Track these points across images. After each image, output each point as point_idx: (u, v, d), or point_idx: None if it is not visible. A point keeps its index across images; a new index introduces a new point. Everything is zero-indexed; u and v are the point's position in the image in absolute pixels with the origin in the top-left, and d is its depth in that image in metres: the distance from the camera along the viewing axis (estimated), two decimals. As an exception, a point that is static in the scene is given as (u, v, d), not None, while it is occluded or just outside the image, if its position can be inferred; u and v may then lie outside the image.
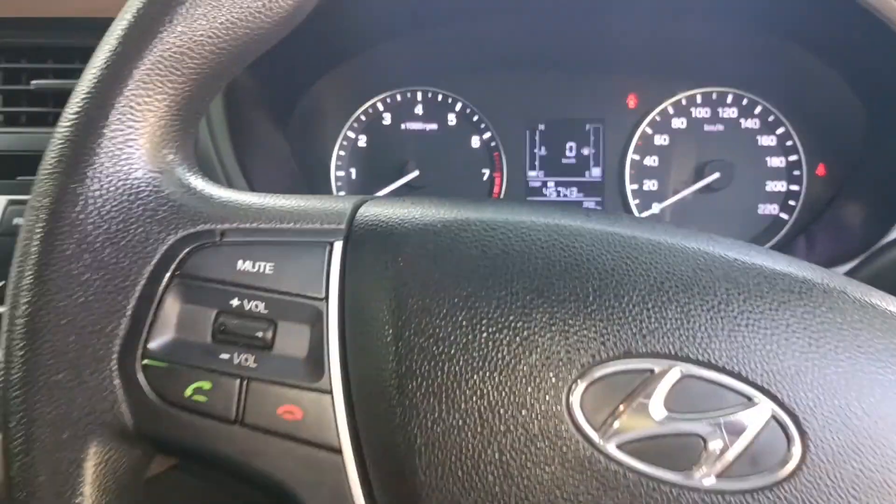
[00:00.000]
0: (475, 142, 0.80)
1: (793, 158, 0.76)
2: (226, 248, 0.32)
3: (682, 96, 0.77)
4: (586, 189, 0.80)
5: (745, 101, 0.76)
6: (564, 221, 0.32)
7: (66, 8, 0.61)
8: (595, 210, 0.71)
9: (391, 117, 0.80)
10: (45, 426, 0.31)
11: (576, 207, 0.52)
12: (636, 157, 0.78)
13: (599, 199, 0.80)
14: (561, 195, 0.80)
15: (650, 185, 0.79)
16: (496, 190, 0.80)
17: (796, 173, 0.76)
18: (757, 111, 0.76)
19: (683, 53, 0.76)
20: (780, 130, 0.76)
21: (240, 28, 0.32)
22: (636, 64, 0.77)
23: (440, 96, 0.79)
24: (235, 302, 0.32)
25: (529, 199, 0.80)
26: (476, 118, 0.79)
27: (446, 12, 0.72)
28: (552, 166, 0.80)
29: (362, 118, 0.80)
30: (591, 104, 0.79)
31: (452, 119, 0.80)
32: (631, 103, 0.78)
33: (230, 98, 0.61)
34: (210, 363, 0.32)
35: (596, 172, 0.80)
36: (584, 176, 0.80)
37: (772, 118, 0.76)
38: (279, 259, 0.32)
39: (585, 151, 0.79)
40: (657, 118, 0.78)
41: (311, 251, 0.32)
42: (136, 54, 0.31)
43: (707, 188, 0.76)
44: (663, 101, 0.77)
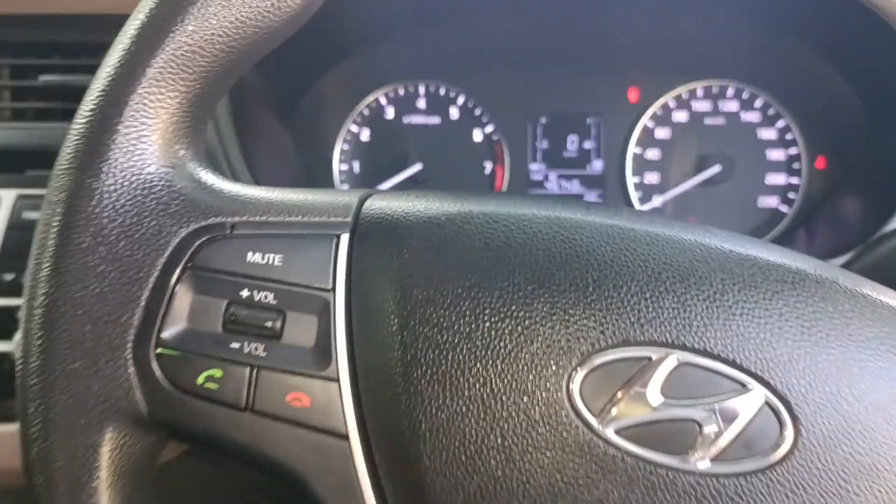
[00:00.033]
0: (477, 135, 0.80)
1: (793, 151, 0.76)
2: (236, 241, 0.33)
3: (683, 90, 0.77)
4: (588, 182, 0.80)
5: (746, 95, 0.76)
6: (565, 214, 0.33)
7: (73, 5, 0.61)
8: (595, 203, 0.71)
9: (394, 111, 0.80)
10: (63, 413, 0.31)
11: (576, 200, 0.53)
12: (637, 151, 0.78)
13: (601, 192, 0.79)
14: (563, 188, 0.80)
15: (651, 179, 0.78)
16: (498, 183, 0.80)
17: (796, 166, 0.76)
18: (757, 104, 0.76)
19: (684, 47, 0.76)
20: (781, 124, 0.76)
21: (249, 27, 0.33)
22: (637, 58, 0.77)
23: (442, 90, 0.79)
24: (245, 293, 0.33)
25: (531, 193, 0.80)
26: (478, 112, 0.79)
27: (448, 8, 0.72)
28: (554, 159, 0.80)
29: (365, 112, 0.80)
30: (593, 98, 0.78)
31: (455, 113, 0.80)
32: (632, 97, 0.78)
33: (235, 94, 0.61)
34: (221, 352, 0.32)
35: (597, 165, 0.79)
36: (586, 169, 0.80)
37: (772, 111, 0.76)
38: (287, 251, 0.33)
39: (587, 145, 0.79)
40: (658, 112, 0.77)
41: (319, 243, 0.33)
42: (149, 53, 0.32)
43: (708, 181, 0.76)
44: (664, 95, 0.77)
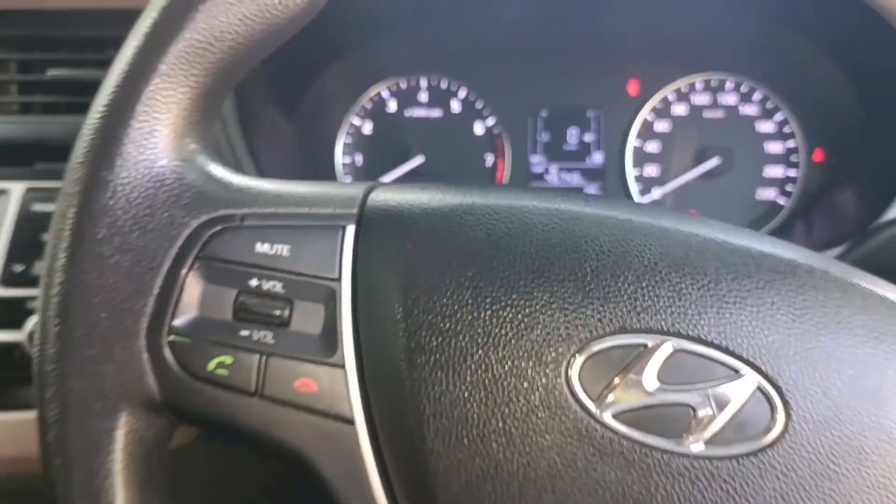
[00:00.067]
0: (478, 128, 0.80)
1: (791, 144, 0.76)
2: (245, 232, 0.34)
3: (683, 83, 0.77)
4: (588, 174, 0.80)
5: (745, 88, 0.76)
6: (564, 206, 0.34)
7: (79, 1, 0.61)
8: (593, 195, 0.72)
9: (396, 104, 0.80)
10: (79, 397, 0.32)
11: (575, 193, 0.53)
12: (637, 144, 0.78)
13: (601, 185, 0.80)
14: (563, 181, 0.80)
15: (651, 171, 0.78)
16: (499, 176, 0.80)
17: (794, 159, 0.76)
18: (756, 98, 0.76)
19: (684, 41, 0.76)
20: (779, 117, 0.76)
21: (257, 23, 0.33)
22: (637, 51, 0.77)
23: (444, 83, 0.79)
24: (254, 282, 0.33)
25: (532, 185, 0.80)
26: (479, 105, 0.79)
27: (449, 2, 0.72)
28: (554, 152, 0.80)
29: (367, 105, 0.80)
30: (593, 91, 0.78)
31: (456, 106, 0.79)
32: (632, 90, 0.78)
33: (239, 87, 0.62)
34: (231, 339, 0.33)
35: (597, 158, 0.79)
36: (586, 162, 0.80)
37: (771, 104, 0.76)
38: (295, 242, 0.33)
39: (587, 137, 0.79)
40: (658, 105, 0.77)
41: (325, 234, 0.34)
42: (161, 49, 0.32)
43: (707, 173, 0.76)
44: (664, 88, 0.77)
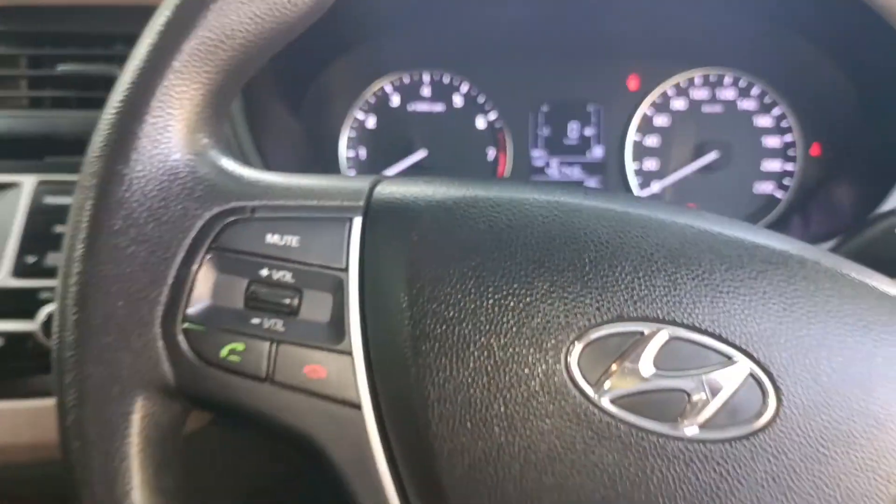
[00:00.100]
0: (480, 122, 0.80)
1: (788, 139, 0.77)
2: (256, 223, 0.34)
3: (682, 78, 0.77)
4: (588, 168, 0.80)
5: (743, 83, 0.77)
6: (564, 199, 0.34)
7: None
8: (592, 188, 0.73)
9: (399, 99, 0.80)
10: (96, 383, 0.33)
11: (575, 186, 0.54)
12: (637, 138, 0.79)
13: (601, 179, 0.80)
14: (564, 174, 0.80)
15: (650, 165, 0.79)
16: (501, 169, 0.80)
17: (791, 153, 0.77)
18: (754, 92, 0.77)
19: (683, 36, 0.76)
20: (777, 111, 0.77)
21: (267, 21, 0.34)
22: (637, 47, 0.77)
23: (446, 78, 0.79)
24: (265, 272, 0.34)
25: (533, 179, 0.80)
26: (481, 100, 0.80)
27: None
28: (555, 146, 0.80)
29: (371, 100, 0.80)
30: (593, 86, 0.79)
31: (458, 100, 0.80)
32: (632, 85, 0.78)
33: (246, 83, 0.63)
34: (243, 327, 0.34)
35: (598, 152, 0.80)
36: (586, 156, 0.80)
37: (768, 99, 0.77)
38: (304, 233, 0.34)
39: (587, 132, 0.79)
40: (657, 99, 0.78)
41: (333, 226, 0.34)
42: (174, 47, 0.33)
43: (706, 167, 0.76)
44: (663, 83, 0.77)
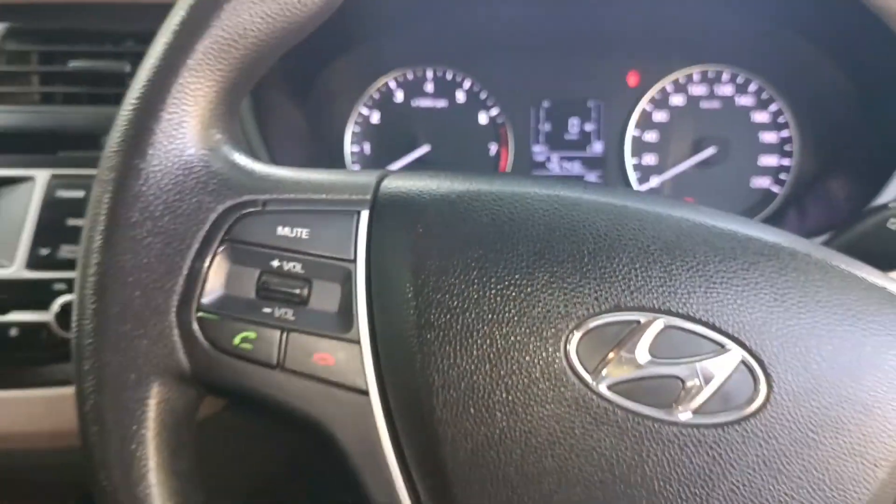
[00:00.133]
0: (483, 118, 0.80)
1: (784, 134, 0.77)
2: (267, 216, 0.35)
3: (680, 74, 0.77)
4: (588, 163, 0.80)
5: (741, 79, 0.77)
6: (564, 193, 0.35)
7: None
8: (591, 183, 0.74)
9: (403, 95, 0.80)
10: (114, 370, 0.33)
11: (575, 180, 0.55)
12: (636, 133, 0.79)
13: (601, 173, 0.80)
14: (564, 169, 0.81)
15: (649, 160, 0.79)
16: (503, 164, 0.80)
17: (788, 148, 0.77)
18: (751, 89, 0.77)
19: (682, 33, 0.77)
20: (774, 107, 0.77)
21: (278, 21, 0.35)
22: (637, 44, 0.78)
23: (449, 75, 0.80)
24: (276, 263, 0.35)
25: (534, 173, 0.81)
26: (484, 96, 0.80)
27: None
28: (556, 141, 0.80)
29: (375, 96, 0.80)
30: (594, 82, 0.79)
31: (461, 96, 0.80)
32: (631, 81, 0.78)
33: None
34: (255, 316, 0.35)
35: (598, 147, 0.80)
36: (587, 151, 0.80)
37: (766, 95, 0.77)
38: (314, 225, 0.35)
39: (588, 127, 0.80)
40: (656, 95, 0.78)
41: (342, 219, 0.35)
42: (189, 46, 0.34)
43: (703, 162, 0.77)
44: (662, 79, 0.78)
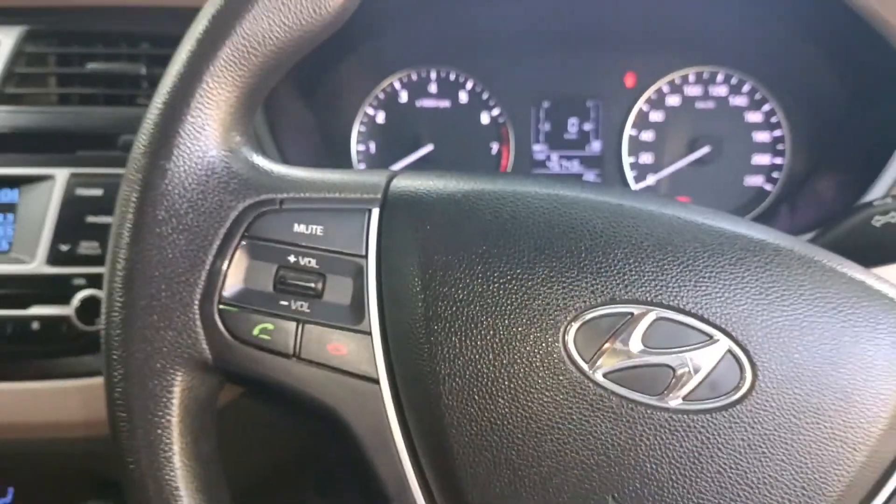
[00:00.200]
0: (485, 118, 0.82)
1: (777, 133, 0.78)
2: (284, 214, 0.36)
3: (676, 75, 0.79)
4: (587, 162, 0.82)
5: (735, 80, 0.78)
6: (563, 192, 0.36)
7: None
8: (588, 182, 0.75)
9: (407, 95, 0.81)
10: (141, 359, 0.35)
11: (573, 180, 0.56)
12: (633, 133, 0.80)
13: (599, 172, 0.81)
14: (563, 168, 0.82)
15: (646, 159, 0.81)
16: (504, 163, 0.82)
17: (780, 147, 0.78)
18: (745, 89, 0.78)
19: (678, 36, 0.78)
20: (767, 107, 0.78)
21: (295, 30, 0.36)
22: (634, 45, 0.79)
23: (452, 75, 0.81)
24: (292, 258, 0.36)
25: (535, 172, 0.82)
26: (486, 96, 0.81)
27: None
28: (556, 141, 0.82)
29: (380, 96, 0.82)
30: (592, 83, 0.80)
31: (464, 97, 0.81)
32: (629, 82, 0.80)
33: None
34: (272, 308, 0.36)
35: (596, 146, 0.81)
36: (585, 150, 0.82)
37: (759, 96, 0.78)
38: (328, 223, 0.36)
39: (586, 127, 0.81)
40: (653, 96, 0.79)
41: (354, 216, 0.37)
42: (212, 53, 0.35)
43: (698, 161, 0.78)
44: (659, 80, 0.79)
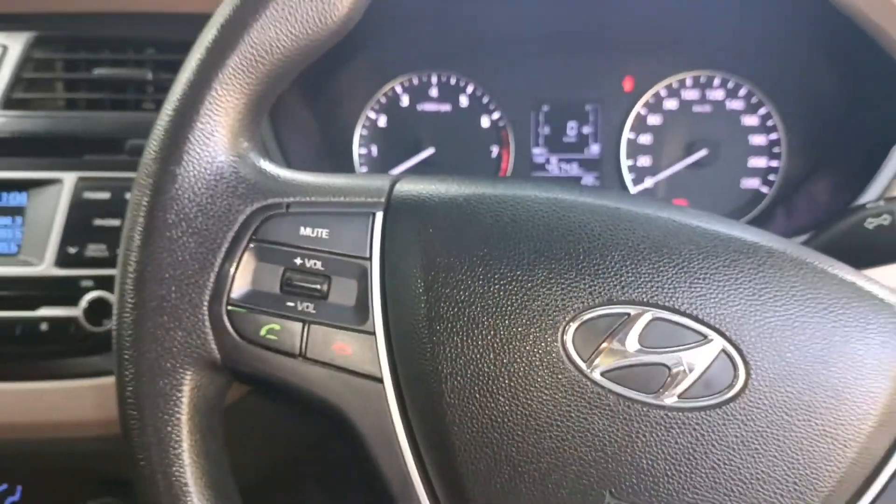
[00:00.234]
0: (485, 122, 0.82)
1: (773, 137, 0.79)
2: (291, 218, 0.37)
3: (674, 79, 0.79)
4: (586, 165, 0.82)
5: (731, 84, 0.79)
6: (561, 196, 0.37)
7: (119, 5, 0.65)
8: (587, 186, 0.76)
9: (408, 99, 0.82)
10: (151, 359, 0.36)
11: (571, 184, 0.57)
12: (631, 136, 0.81)
13: (597, 175, 0.82)
14: (563, 171, 0.82)
15: (644, 161, 0.81)
16: (504, 166, 0.82)
17: (776, 150, 0.79)
18: (742, 93, 0.79)
19: (675, 40, 0.79)
20: (763, 111, 0.79)
21: (301, 39, 0.37)
22: (632, 50, 0.80)
23: (453, 80, 0.82)
24: (298, 261, 0.37)
25: (534, 175, 0.83)
26: (486, 100, 0.82)
27: (458, 4, 0.75)
28: (555, 144, 0.82)
29: (382, 100, 0.82)
30: (591, 87, 0.81)
31: (464, 101, 0.82)
32: (627, 86, 0.80)
33: None
34: (279, 309, 0.37)
35: (595, 149, 0.82)
36: (584, 153, 0.82)
37: (755, 99, 0.79)
38: (333, 226, 0.37)
39: (585, 130, 0.82)
40: (651, 100, 0.80)
41: (358, 220, 0.37)
42: (220, 62, 0.36)
43: (695, 164, 0.79)
44: (656, 84, 0.80)
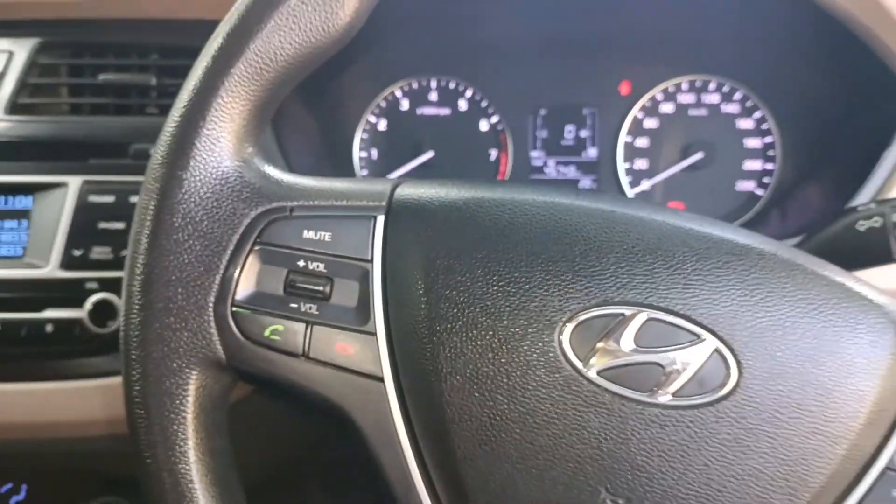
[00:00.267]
0: (484, 125, 0.83)
1: (768, 140, 0.79)
2: (294, 221, 0.38)
3: (670, 83, 0.80)
4: (583, 168, 0.83)
5: (727, 88, 0.80)
6: (558, 199, 0.38)
7: (123, 10, 0.66)
8: (583, 189, 0.77)
9: (408, 103, 0.83)
10: (158, 359, 0.36)
11: (568, 187, 0.58)
12: (628, 139, 0.81)
13: (595, 178, 0.83)
14: (560, 174, 0.83)
15: (640, 164, 0.82)
16: (502, 169, 0.83)
17: (771, 153, 0.79)
18: (737, 97, 0.80)
19: (671, 45, 0.79)
20: (758, 114, 0.79)
21: (305, 47, 0.38)
22: (629, 55, 0.80)
23: (452, 84, 0.82)
24: (302, 263, 0.38)
25: (532, 178, 0.83)
26: (485, 104, 0.82)
27: (458, 9, 0.76)
28: (553, 147, 0.83)
29: (382, 104, 0.83)
30: (588, 91, 0.81)
31: (463, 105, 0.83)
32: (624, 90, 0.81)
33: None
34: (283, 311, 0.37)
35: (592, 152, 0.82)
36: (581, 156, 0.83)
37: (750, 103, 0.79)
38: (335, 229, 0.38)
39: (583, 134, 0.82)
40: (647, 103, 0.81)
41: (360, 223, 0.38)
42: (226, 69, 0.37)
43: (691, 167, 0.79)
44: (653, 88, 0.80)
